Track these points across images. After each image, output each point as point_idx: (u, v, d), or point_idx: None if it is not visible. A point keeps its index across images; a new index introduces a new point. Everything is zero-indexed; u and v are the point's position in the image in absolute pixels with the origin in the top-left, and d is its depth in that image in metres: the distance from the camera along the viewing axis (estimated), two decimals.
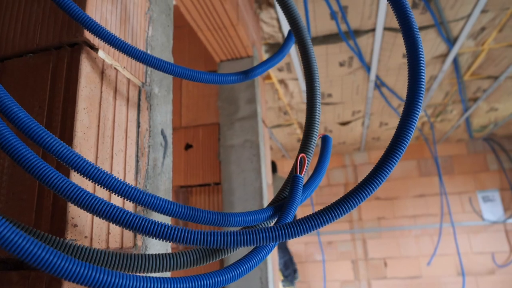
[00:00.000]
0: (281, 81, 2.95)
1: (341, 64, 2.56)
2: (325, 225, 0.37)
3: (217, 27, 1.41)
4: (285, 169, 5.60)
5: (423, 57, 0.49)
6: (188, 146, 1.72)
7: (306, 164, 0.48)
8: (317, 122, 0.58)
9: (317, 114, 0.58)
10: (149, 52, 0.64)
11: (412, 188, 5.13)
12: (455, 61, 2.73)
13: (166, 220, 0.60)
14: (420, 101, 0.45)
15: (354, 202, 0.38)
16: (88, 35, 0.48)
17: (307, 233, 0.36)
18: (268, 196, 1.58)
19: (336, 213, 0.38)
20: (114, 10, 0.55)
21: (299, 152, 0.54)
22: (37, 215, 0.42)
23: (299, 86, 2.94)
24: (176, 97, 1.79)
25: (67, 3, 0.42)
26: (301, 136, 4.43)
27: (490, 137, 4.96)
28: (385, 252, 4.99)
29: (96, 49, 0.50)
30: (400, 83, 3.00)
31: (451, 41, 2.37)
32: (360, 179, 5.29)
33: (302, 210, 5.32)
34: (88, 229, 0.43)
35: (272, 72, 2.71)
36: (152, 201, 0.38)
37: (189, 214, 0.39)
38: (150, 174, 0.59)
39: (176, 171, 1.69)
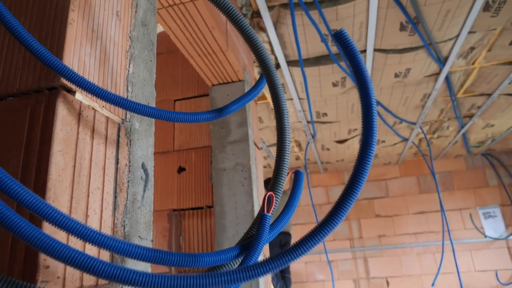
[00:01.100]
0: None
1: (334, 84, 2.60)
2: (284, 266, 0.39)
3: (207, 53, 1.45)
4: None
5: (374, 102, 0.51)
6: (181, 169, 1.73)
7: (274, 203, 0.49)
8: (286, 160, 0.59)
9: (286, 152, 0.60)
10: (129, 88, 0.67)
11: (412, 205, 5.10)
12: (447, 80, 2.76)
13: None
14: (373, 149, 0.46)
15: (313, 242, 0.40)
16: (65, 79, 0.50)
17: (266, 274, 0.37)
18: None
19: (296, 253, 0.39)
20: (93, 53, 0.58)
21: (268, 190, 0.56)
22: (11, 257, 0.43)
23: (294, 105, 2.97)
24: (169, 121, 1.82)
25: (42, 52, 0.45)
26: (299, 154, 4.44)
27: (489, 152, 4.96)
28: (387, 271, 4.92)
29: (73, 92, 0.52)
30: (394, 102, 3.03)
31: (441, 61, 2.41)
32: (360, 196, 5.28)
33: (301, 228, 5.29)
34: (61, 270, 0.44)
35: (267, 92, 2.74)
36: (121, 246, 0.39)
37: (158, 257, 0.41)
38: (129, 209, 0.60)
39: (169, 194, 1.70)
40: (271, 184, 0.58)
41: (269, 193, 0.52)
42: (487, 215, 4.83)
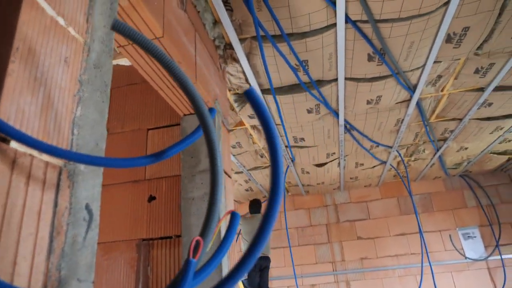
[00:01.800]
0: (254, 127, 3.02)
1: (309, 111, 2.66)
2: None
3: (176, 85, 1.48)
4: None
5: (281, 161, 0.53)
6: (151, 198, 1.73)
7: (201, 248, 0.51)
8: (218, 205, 0.61)
9: (218, 196, 0.62)
10: (75, 131, 0.68)
11: (394, 227, 5.13)
12: (419, 105, 2.85)
13: None
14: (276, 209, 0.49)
15: None
16: None
17: None
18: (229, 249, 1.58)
19: None
20: (34, 101, 0.60)
21: (199, 234, 0.57)
22: None
23: None
24: (142, 149, 1.83)
25: None
26: None
27: (466, 174, 5.07)
28: None
29: (8, 141, 0.54)
30: (369, 126, 3.10)
31: (411, 88, 2.49)
32: (341, 219, 5.30)
33: (283, 251, 5.24)
34: None
35: (244, 119, 2.79)
36: None
37: None
38: (67, 252, 0.61)
39: (138, 224, 1.69)
40: (201, 229, 0.60)
41: (196, 238, 0.54)
42: (466, 236, 4.89)
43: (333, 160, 3.93)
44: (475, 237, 4.85)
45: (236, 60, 2.01)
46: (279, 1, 1.60)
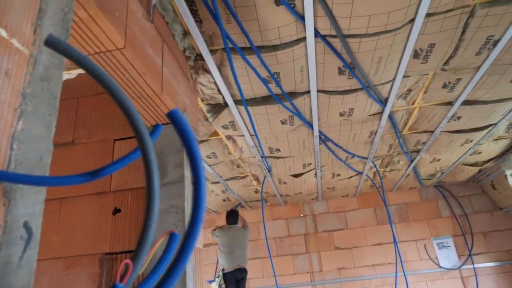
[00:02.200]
0: (229, 137, 3.01)
1: (283, 122, 2.67)
2: None
3: (141, 96, 1.46)
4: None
5: (203, 183, 0.53)
6: (116, 211, 1.69)
7: (130, 272, 0.49)
8: (152, 226, 0.60)
9: (153, 218, 0.60)
10: (14, 146, 0.66)
11: (371, 237, 5.18)
12: (391, 118, 2.90)
13: None
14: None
15: None
16: None
17: None
18: (194, 263, 1.56)
19: None
20: None
21: (131, 258, 0.56)
22: None
23: (246, 142, 3.01)
24: (108, 160, 1.79)
25: None
26: (257, 187, 4.45)
27: (440, 184, 5.18)
28: None
29: None
30: (343, 138, 3.14)
31: (382, 101, 2.54)
32: (319, 229, 5.31)
33: (261, 262, 5.21)
34: None
35: (218, 129, 2.77)
36: None
37: None
38: None
39: (102, 237, 1.64)
40: (135, 250, 0.58)
41: (125, 261, 0.52)
42: (441, 246, 4.98)
43: (309, 171, 3.95)
44: (449, 246, 4.94)
45: (207, 71, 2.01)
46: (248, 14, 1.61)
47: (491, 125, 3.15)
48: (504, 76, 2.36)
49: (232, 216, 4.28)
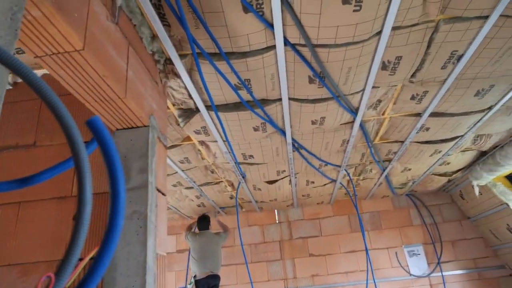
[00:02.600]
0: (202, 143, 2.99)
1: (255, 129, 2.67)
2: None
3: (103, 99, 1.43)
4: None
5: (123, 200, 0.52)
6: None
7: (52, 287, 0.47)
8: (81, 237, 0.58)
9: (82, 229, 0.58)
10: None
11: (344, 244, 5.23)
12: (362, 128, 2.95)
13: None
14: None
15: None
16: None
17: None
18: (155, 270, 1.52)
19: None
20: None
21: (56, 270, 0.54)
22: None
23: (219, 147, 2.99)
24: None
25: None
26: (232, 193, 4.43)
27: (412, 193, 5.29)
28: None
29: None
30: (316, 146, 3.17)
31: (353, 111, 2.58)
32: (294, 235, 5.33)
33: (236, 269, 5.17)
34: None
35: (190, 134, 2.75)
36: None
37: None
38: None
39: (61, 243, 1.59)
40: (58, 266, 0.56)
41: (46, 274, 0.50)
42: (411, 253, 5.07)
43: (284, 178, 3.96)
44: (419, 254, 5.04)
45: (177, 75, 1.99)
46: (217, 20, 1.61)
47: (458, 136, 3.25)
48: (468, 90, 2.44)
49: (203, 222, 4.24)
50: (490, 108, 2.75)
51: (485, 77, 2.32)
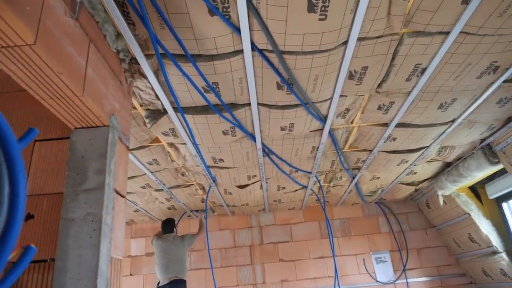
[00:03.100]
0: (171, 145, 2.95)
1: (225, 133, 2.66)
2: None
3: (60, 96, 1.38)
4: (191, 229, 5.43)
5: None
6: (29, 217, 1.57)
7: None
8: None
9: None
10: None
11: (314, 250, 5.26)
12: (332, 135, 2.99)
13: None
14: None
15: None
16: None
17: None
18: (108, 274, 1.48)
19: None
20: None
21: None
22: None
23: (189, 150, 2.96)
24: (26, 161, 1.67)
25: None
26: (203, 196, 4.38)
27: (381, 201, 5.40)
28: None
29: None
30: (286, 152, 3.18)
31: (322, 119, 2.61)
32: (265, 240, 5.33)
33: (205, 273, 5.12)
34: None
35: (158, 136, 2.70)
36: None
37: None
38: None
39: None
40: None
41: None
42: (378, 260, 5.16)
43: (255, 182, 3.96)
44: (386, 261, 5.14)
45: (144, 75, 1.96)
46: (182, 21, 1.59)
47: (424, 147, 3.34)
48: (432, 103, 2.51)
49: (167, 225, 4.18)
50: (453, 121, 2.85)
51: (447, 91, 2.40)
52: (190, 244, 4.19)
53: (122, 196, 1.72)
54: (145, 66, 1.86)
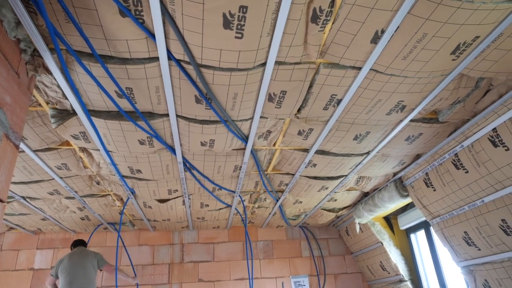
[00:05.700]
0: (83, 149, 2.75)
1: (141, 143, 2.54)
2: None
3: None
4: (107, 243, 5.08)
5: None
6: None
7: None
8: None
9: None
10: None
11: (235, 271, 5.18)
12: (254, 156, 2.99)
13: None
14: None
15: None
16: None
17: None
18: None
19: None
20: None
21: None
22: None
23: (103, 157, 2.78)
24: None
25: None
26: (122, 208, 4.13)
27: (304, 226, 5.51)
28: None
29: None
30: (208, 168, 3.12)
31: (244, 138, 2.60)
32: (186, 259, 5.14)
33: None
34: None
35: (68, 138, 2.50)
36: None
37: None
38: None
39: None
40: None
41: None
42: (297, 284, 5.21)
43: (176, 198, 3.83)
44: (304, 285, 5.20)
45: (48, 71, 1.80)
46: (90, 18, 1.50)
47: (342, 176, 3.48)
48: (348, 133, 2.63)
49: (77, 241, 3.90)
50: (368, 153, 3.01)
51: (362, 124, 2.53)
52: (101, 265, 3.90)
53: (2, 201, 1.53)
54: (50, 61, 1.71)
